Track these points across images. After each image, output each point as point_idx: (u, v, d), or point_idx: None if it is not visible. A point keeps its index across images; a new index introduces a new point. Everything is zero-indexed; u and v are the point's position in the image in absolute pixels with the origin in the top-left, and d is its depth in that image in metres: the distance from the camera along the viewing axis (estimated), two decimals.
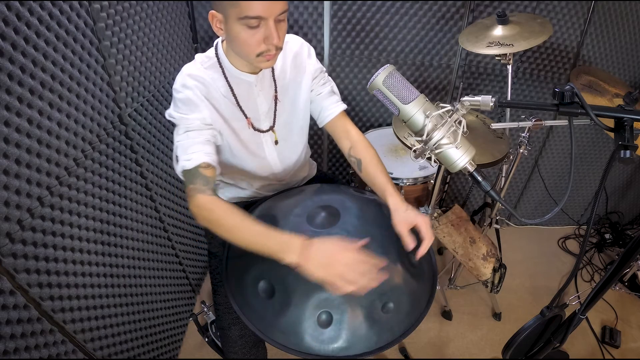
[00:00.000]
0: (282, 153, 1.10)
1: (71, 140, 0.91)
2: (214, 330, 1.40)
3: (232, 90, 0.96)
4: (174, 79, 0.93)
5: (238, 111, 0.99)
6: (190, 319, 1.49)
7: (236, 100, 0.97)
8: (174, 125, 0.93)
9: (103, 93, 1.04)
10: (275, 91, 1.02)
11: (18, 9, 0.74)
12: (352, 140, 1.06)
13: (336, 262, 0.71)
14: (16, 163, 0.76)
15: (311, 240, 0.74)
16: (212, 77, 0.94)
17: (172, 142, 1.28)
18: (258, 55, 0.85)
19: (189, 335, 1.61)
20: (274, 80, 1.02)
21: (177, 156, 0.90)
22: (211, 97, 0.94)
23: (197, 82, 0.92)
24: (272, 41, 0.82)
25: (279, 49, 0.86)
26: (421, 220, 0.85)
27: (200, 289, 1.79)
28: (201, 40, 1.66)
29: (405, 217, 0.86)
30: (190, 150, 0.88)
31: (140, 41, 1.19)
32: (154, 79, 1.31)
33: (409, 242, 0.84)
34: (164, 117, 0.97)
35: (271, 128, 1.05)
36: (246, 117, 1.00)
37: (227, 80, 0.95)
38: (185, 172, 0.88)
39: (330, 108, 1.07)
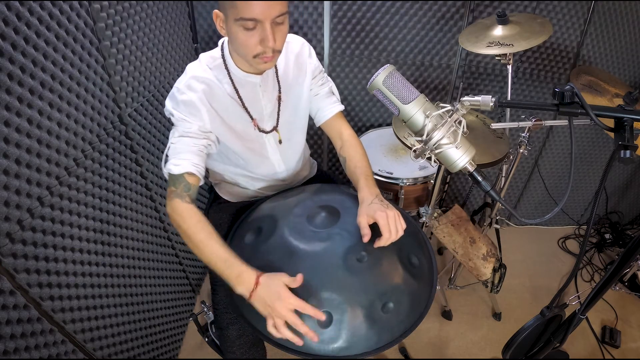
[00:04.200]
0: (285, 152, 1.11)
1: (71, 140, 0.91)
2: (213, 330, 1.40)
3: (237, 91, 0.97)
4: (174, 79, 0.93)
5: (244, 112, 0.99)
6: (190, 319, 1.49)
7: (242, 101, 0.98)
8: (171, 122, 0.93)
9: (103, 93, 1.04)
10: (279, 92, 1.03)
11: (18, 9, 0.74)
12: (343, 140, 1.09)
13: (277, 305, 0.73)
14: (16, 163, 0.76)
15: (261, 280, 0.76)
16: (218, 78, 0.95)
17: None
18: (255, 57, 0.85)
19: (189, 335, 1.61)
20: (278, 81, 1.02)
21: (167, 156, 0.92)
22: (216, 100, 0.94)
23: (203, 85, 0.92)
24: (267, 44, 0.81)
25: (276, 51, 0.86)
26: (379, 215, 0.82)
27: (200, 289, 1.79)
28: (201, 40, 1.65)
29: (367, 210, 0.85)
30: (181, 156, 0.89)
31: (140, 41, 1.19)
32: (154, 79, 1.30)
33: (365, 234, 0.82)
34: (164, 117, 0.97)
35: (274, 128, 1.05)
36: (252, 119, 1.01)
37: (233, 82, 0.96)
38: (170, 175, 0.90)
39: (327, 109, 1.09)
